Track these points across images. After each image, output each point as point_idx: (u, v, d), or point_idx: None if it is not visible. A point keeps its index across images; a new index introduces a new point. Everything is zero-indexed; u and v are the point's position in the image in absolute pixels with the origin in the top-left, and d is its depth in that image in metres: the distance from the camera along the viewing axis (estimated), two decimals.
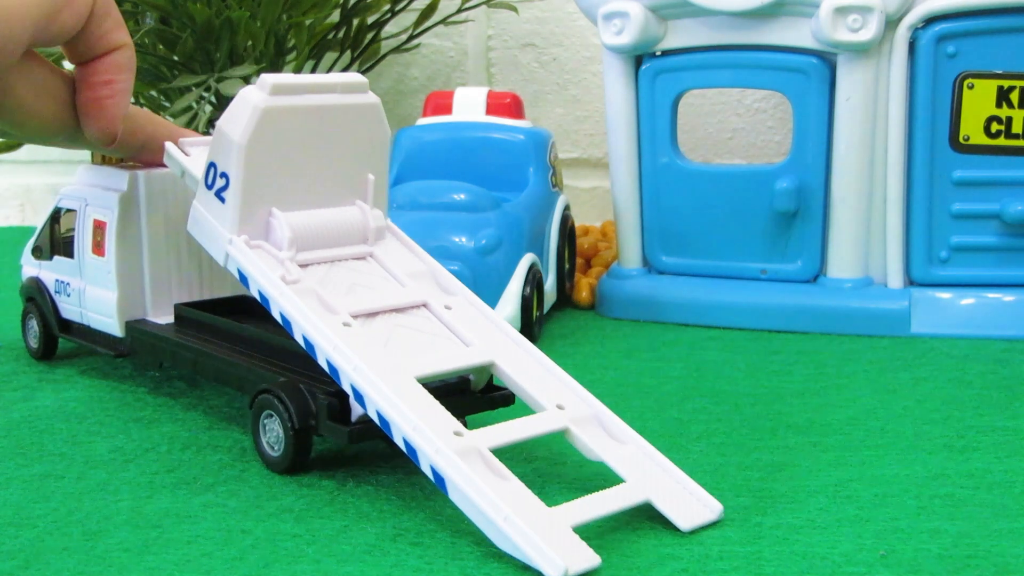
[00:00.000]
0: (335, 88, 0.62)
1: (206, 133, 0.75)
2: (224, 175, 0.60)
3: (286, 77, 0.61)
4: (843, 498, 0.53)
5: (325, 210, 0.63)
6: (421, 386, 0.53)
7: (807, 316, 0.87)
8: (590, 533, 0.50)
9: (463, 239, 0.82)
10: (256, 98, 0.59)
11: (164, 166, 0.67)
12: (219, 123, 0.61)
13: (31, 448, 0.62)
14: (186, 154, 0.66)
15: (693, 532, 0.50)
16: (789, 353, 0.81)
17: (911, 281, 0.87)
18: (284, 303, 0.57)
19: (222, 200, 0.61)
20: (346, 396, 0.55)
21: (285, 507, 0.53)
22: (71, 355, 0.80)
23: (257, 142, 0.59)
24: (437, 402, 0.52)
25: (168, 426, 0.65)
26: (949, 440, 0.61)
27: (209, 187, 0.61)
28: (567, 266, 0.97)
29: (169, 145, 0.67)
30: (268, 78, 0.60)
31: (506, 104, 0.95)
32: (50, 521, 0.52)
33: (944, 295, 0.85)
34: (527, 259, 0.84)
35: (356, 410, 0.56)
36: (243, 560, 0.47)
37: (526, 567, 0.46)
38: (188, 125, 0.93)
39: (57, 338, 0.79)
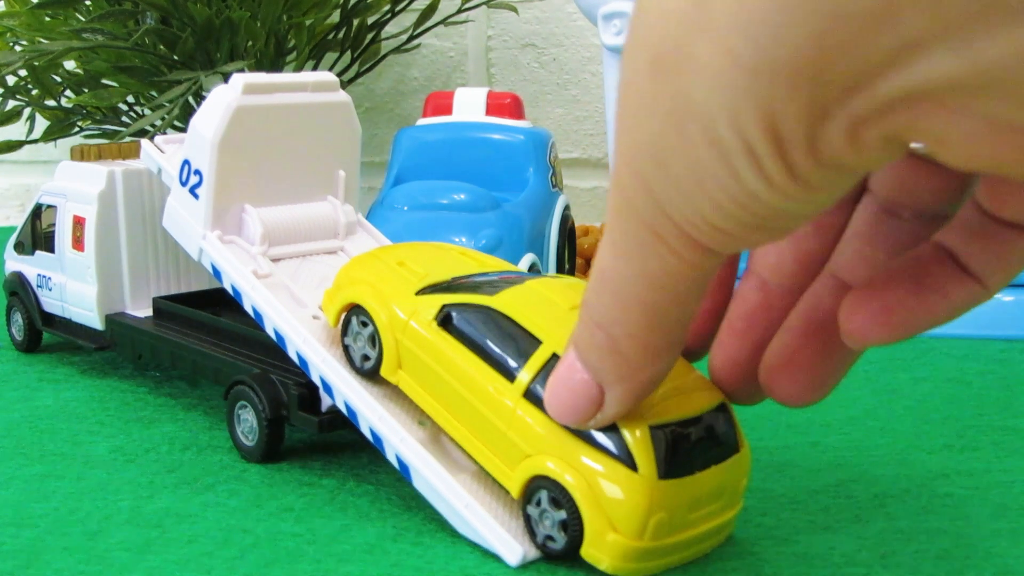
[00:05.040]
0: (306, 87, 0.64)
1: (181, 129, 0.76)
2: (197, 172, 0.61)
3: (258, 76, 0.62)
4: (843, 498, 0.53)
5: (297, 206, 0.64)
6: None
7: None
8: None
9: (463, 239, 0.82)
10: (228, 97, 0.61)
11: None
12: (193, 121, 0.62)
13: (31, 448, 0.62)
14: (161, 151, 0.67)
15: None
16: None
17: None
18: (255, 297, 0.58)
19: (196, 196, 0.62)
20: (316, 387, 0.56)
21: (285, 506, 0.53)
22: (71, 355, 0.80)
23: (229, 140, 0.61)
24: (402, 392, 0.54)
25: (168, 426, 0.65)
26: (949, 440, 0.61)
27: (183, 184, 0.63)
28: (567, 266, 0.97)
29: (145, 143, 0.68)
30: (240, 77, 0.61)
31: (506, 104, 0.95)
32: (51, 521, 0.52)
33: None
34: (527, 259, 0.84)
35: (326, 401, 0.57)
36: (243, 560, 0.47)
37: (525, 567, 0.46)
38: (162, 121, 0.93)
39: (41, 331, 0.80)
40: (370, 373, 0.53)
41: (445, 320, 0.50)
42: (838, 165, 0.27)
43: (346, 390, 0.53)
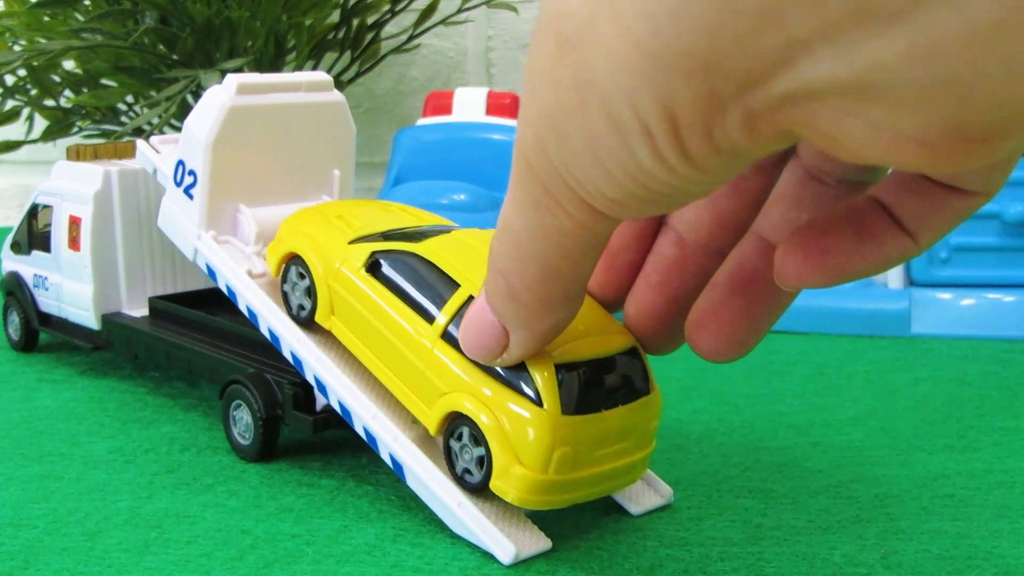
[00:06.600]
0: (300, 87, 0.64)
1: (179, 128, 0.76)
2: (192, 172, 0.62)
3: (252, 76, 0.62)
4: (844, 499, 0.53)
5: (292, 205, 0.65)
6: None
7: (807, 316, 0.87)
8: (590, 532, 0.50)
9: None
10: (222, 97, 0.61)
11: None
12: (187, 121, 0.62)
13: (30, 448, 0.61)
14: (157, 151, 0.67)
15: (695, 533, 0.50)
16: (789, 353, 0.80)
17: (911, 281, 0.87)
18: (250, 297, 0.58)
19: (190, 197, 0.62)
20: (311, 386, 0.56)
21: (285, 507, 0.53)
22: (70, 355, 0.80)
23: (224, 140, 0.61)
24: None
25: (168, 427, 0.65)
26: (950, 440, 0.61)
27: (178, 184, 0.63)
28: None
29: (140, 143, 0.68)
30: (234, 77, 0.61)
31: (506, 104, 0.95)
32: (49, 521, 0.52)
33: (944, 295, 0.85)
34: None
35: (321, 400, 0.57)
36: (243, 560, 0.47)
37: (525, 568, 0.46)
38: (159, 119, 0.93)
39: (37, 331, 0.80)
40: (306, 321, 0.56)
41: (373, 266, 0.52)
42: (733, 151, 0.27)
43: (340, 389, 0.53)
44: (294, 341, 0.56)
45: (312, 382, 0.56)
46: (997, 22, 0.22)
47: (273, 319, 0.57)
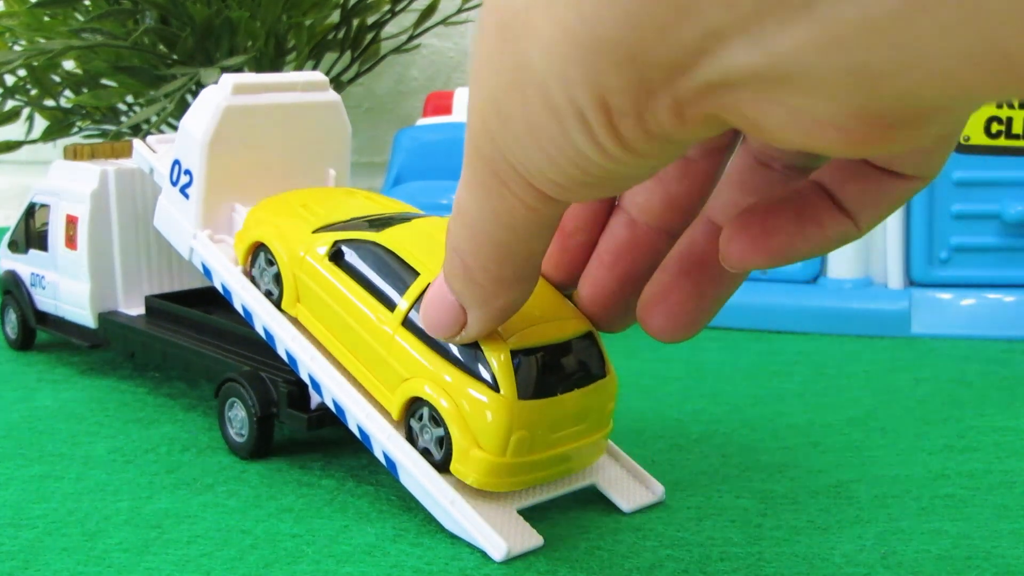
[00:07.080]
0: (296, 87, 0.64)
1: (175, 128, 0.77)
2: (188, 172, 0.62)
3: (247, 76, 0.63)
4: (844, 499, 0.53)
5: None
6: None
7: (807, 316, 0.87)
8: (591, 532, 0.50)
9: None
10: (218, 97, 0.61)
11: None
12: (183, 121, 0.63)
13: (31, 448, 0.61)
14: (153, 151, 0.68)
15: (694, 533, 0.50)
16: (789, 353, 0.80)
17: (911, 281, 0.87)
18: (245, 295, 0.59)
19: (186, 196, 0.63)
20: (305, 384, 0.57)
21: (285, 507, 0.53)
22: (70, 355, 0.80)
23: (219, 140, 0.61)
24: None
25: (168, 427, 0.65)
26: (950, 440, 0.61)
27: (174, 183, 0.63)
28: None
29: (137, 142, 0.69)
30: (229, 77, 0.61)
31: None
32: (49, 521, 0.52)
33: (944, 295, 0.85)
34: None
35: (315, 398, 0.57)
36: (243, 560, 0.47)
37: (525, 568, 0.46)
38: (157, 116, 0.93)
39: (34, 329, 0.80)
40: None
41: (336, 255, 0.54)
42: (665, 136, 0.28)
43: (334, 387, 0.54)
44: (289, 339, 0.56)
45: (306, 380, 0.56)
46: (894, 12, 0.22)
47: (267, 317, 0.57)
